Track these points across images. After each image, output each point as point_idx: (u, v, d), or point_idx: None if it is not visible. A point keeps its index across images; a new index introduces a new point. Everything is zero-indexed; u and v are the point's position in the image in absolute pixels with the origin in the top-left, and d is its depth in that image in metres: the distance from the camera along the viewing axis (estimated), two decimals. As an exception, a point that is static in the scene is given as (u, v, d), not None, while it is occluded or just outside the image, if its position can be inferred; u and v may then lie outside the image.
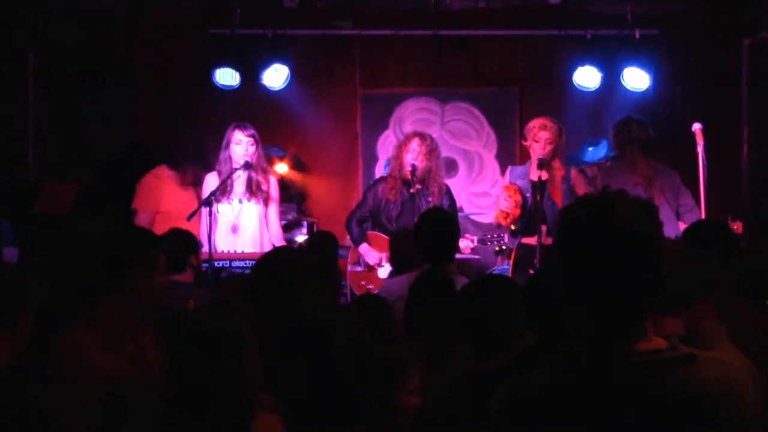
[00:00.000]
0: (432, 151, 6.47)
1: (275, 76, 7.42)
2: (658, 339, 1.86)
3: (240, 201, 6.33)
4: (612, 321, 1.85)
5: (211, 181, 6.32)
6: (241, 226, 6.31)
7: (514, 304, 2.96)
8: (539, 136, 6.30)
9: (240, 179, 6.34)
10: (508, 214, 6.21)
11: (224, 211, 6.30)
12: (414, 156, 6.42)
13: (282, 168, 7.77)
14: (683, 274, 2.54)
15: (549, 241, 5.99)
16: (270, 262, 3.60)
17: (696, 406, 1.81)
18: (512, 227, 6.25)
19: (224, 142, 6.36)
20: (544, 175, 6.21)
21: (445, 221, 4.97)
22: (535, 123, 6.40)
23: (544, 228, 6.01)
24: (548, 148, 6.27)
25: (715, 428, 1.81)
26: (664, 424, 1.79)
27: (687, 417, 1.80)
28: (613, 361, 1.83)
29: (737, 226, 5.92)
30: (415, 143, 6.47)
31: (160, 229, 6.02)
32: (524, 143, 6.45)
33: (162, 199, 6.63)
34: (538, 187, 6.17)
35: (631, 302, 1.84)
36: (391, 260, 5.79)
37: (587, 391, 1.82)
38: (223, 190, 6.26)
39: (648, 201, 1.98)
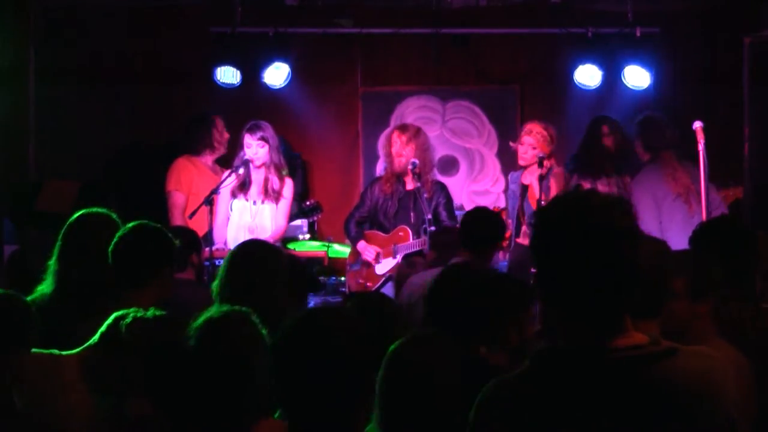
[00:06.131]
0: (414, 137, 6.39)
1: (276, 75, 7.41)
2: (639, 334, 1.87)
3: (255, 203, 6.34)
4: (591, 317, 1.86)
5: (228, 179, 6.32)
6: (258, 226, 6.32)
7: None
8: (523, 140, 6.36)
9: (257, 179, 6.33)
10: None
11: (238, 208, 6.30)
12: (399, 148, 6.37)
13: None
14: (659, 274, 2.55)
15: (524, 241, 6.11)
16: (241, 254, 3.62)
17: (678, 399, 1.82)
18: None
19: (239, 142, 6.37)
20: (534, 179, 6.23)
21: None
22: (524, 126, 6.49)
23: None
24: (530, 152, 6.28)
25: (697, 420, 1.82)
26: (646, 418, 1.80)
27: (669, 410, 1.81)
28: (593, 358, 1.84)
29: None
30: (394, 136, 6.46)
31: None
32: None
33: (193, 182, 6.65)
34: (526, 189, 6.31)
35: (610, 298, 1.85)
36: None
37: (569, 388, 1.82)
38: (242, 186, 6.27)
39: (621, 197, 1.99)
